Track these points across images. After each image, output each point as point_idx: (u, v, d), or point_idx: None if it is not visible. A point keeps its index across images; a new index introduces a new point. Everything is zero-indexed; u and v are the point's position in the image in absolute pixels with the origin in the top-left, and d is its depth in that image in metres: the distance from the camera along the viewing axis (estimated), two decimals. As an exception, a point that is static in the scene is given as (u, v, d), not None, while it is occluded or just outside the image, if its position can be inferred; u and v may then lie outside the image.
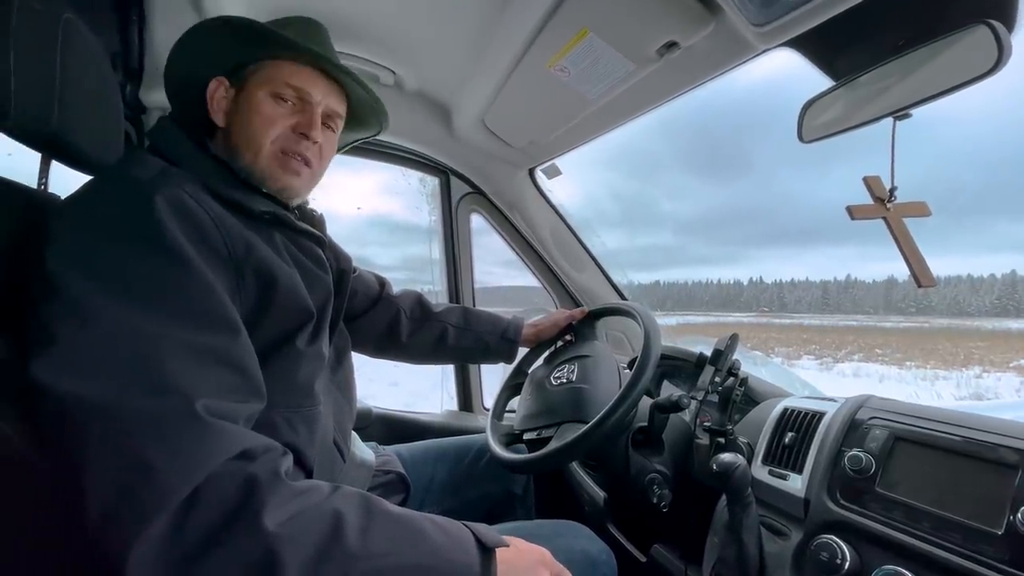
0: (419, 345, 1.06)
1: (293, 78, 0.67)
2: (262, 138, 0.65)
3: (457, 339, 1.08)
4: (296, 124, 0.67)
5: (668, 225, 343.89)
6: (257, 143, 0.65)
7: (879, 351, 30.26)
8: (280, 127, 0.66)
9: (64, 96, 0.54)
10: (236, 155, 0.66)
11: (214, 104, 0.67)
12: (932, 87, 0.63)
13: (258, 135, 0.65)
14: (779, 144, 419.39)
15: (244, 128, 0.66)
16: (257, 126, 0.65)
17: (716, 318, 65.51)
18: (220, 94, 0.67)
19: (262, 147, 0.66)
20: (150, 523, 0.36)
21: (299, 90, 0.67)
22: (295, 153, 0.67)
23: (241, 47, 0.66)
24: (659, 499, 0.81)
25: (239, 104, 0.67)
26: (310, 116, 0.68)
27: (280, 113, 0.66)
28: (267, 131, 0.66)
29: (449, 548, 0.50)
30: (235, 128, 0.66)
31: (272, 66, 0.67)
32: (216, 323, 0.48)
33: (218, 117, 0.67)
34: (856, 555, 0.58)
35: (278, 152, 0.67)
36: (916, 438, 0.61)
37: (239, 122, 0.66)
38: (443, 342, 1.07)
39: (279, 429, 0.58)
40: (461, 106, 1.20)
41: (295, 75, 0.67)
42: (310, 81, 0.68)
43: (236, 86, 0.68)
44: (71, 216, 0.49)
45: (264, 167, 0.66)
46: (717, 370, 0.91)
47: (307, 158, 0.68)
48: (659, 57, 0.82)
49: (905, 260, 0.67)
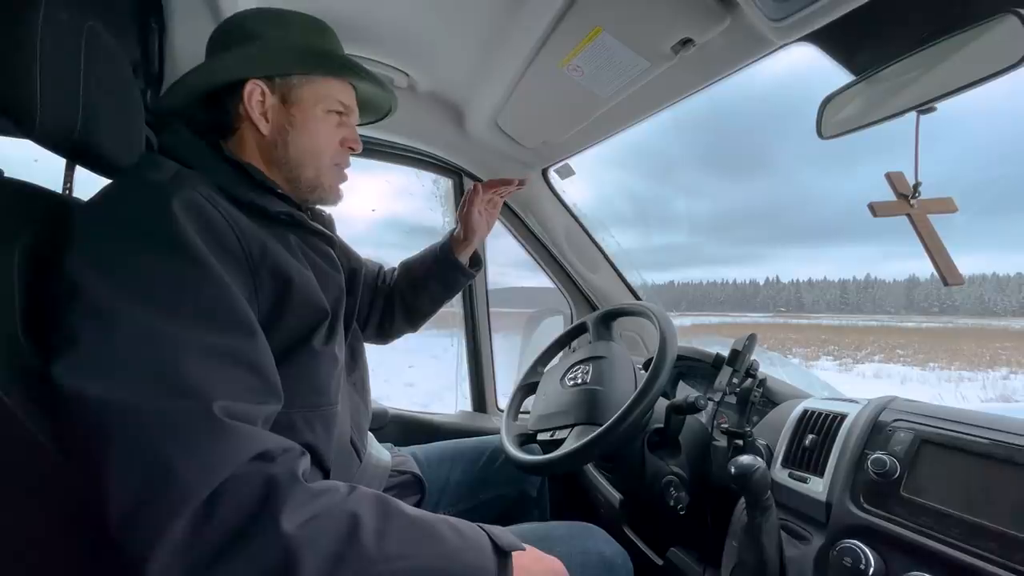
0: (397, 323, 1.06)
1: (343, 95, 0.71)
2: (324, 156, 0.70)
3: (413, 297, 1.03)
4: (343, 139, 0.72)
5: (683, 224, 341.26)
6: (320, 160, 0.70)
7: (900, 352, 29.55)
8: (336, 143, 0.72)
9: (88, 103, 0.55)
10: (288, 167, 0.68)
11: (252, 108, 0.65)
12: (957, 80, 0.62)
13: (322, 153, 0.70)
14: (797, 141, 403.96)
15: (305, 143, 0.68)
16: (320, 144, 0.70)
17: (732, 318, 64.68)
18: (257, 97, 0.66)
19: (324, 163, 0.71)
20: (170, 525, 0.37)
21: (347, 107, 0.72)
22: (345, 164, 0.75)
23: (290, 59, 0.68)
24: (676, 502, 0.80)
25: (293, 117, 0.67)
26: (354, 130, 0.74)
27: (333, 129, 0.71)
28: (329, 148, 0.71)
29: (465, 551, 0.50)
30: (290, 141, 0.68)
31: (324, 83, 0.69)
32: (233, 324, 0.49)
33: (263, 125, 0.67)
34: (881, 561, 0.56)
35: (332, 166, 0.72)
36: (943, 441, 0.59)
37: (295, 137, 0.68)
38: (406, 307, 1.04)
39: (297, 429, 0.58)
40: (474, 107, 1.20)
41: (344, 93, 0.72)
42: (350, 95, 0.73)
43: (279, 94, 0.67)
44: (88, 220, 0.50)
45: (325, 181, 0.72)
46: (735, 371, 0.89)
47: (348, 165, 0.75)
48: (674, 54, 0.81)
49: (931, 258, 0.65)
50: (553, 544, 0.71)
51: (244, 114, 0.66)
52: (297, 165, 0.69)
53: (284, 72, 0.67)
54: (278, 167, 0.69)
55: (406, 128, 1.31)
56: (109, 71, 0.60)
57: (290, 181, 0.70)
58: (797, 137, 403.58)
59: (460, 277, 1.04)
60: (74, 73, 0.54)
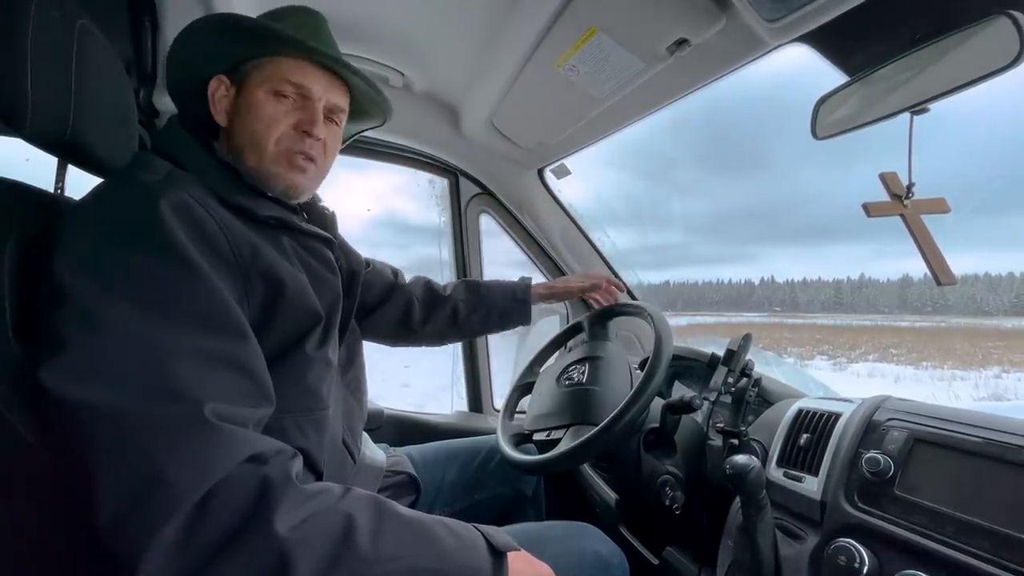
0: (434, 328, 1.06)
1: (292, 74, 0.65)
2: (265, 139, 0.64)
3: (469, 313, 1.06)
4: (298, 122, 0.65)
5: (678, 224, 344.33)
6: (261, 145, 0.64)
7: (894, 351, 29.77)
8: (283, 126, 0.65)
9: (80, 101, 0.54)
10: (240, 157, 0.65)
11: (216, 103, 0.66)
12: (950, 81, 0.62)
13: (261, 137, 0.64)
14: (791, 142, 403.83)
15: (246, 129, 0.64)
16: (259, 127, 0.64)
17: (727, 318, 64.88)
18: (221, 93, 0.66)
19: (266, 149, 0.64)
20: (161, 529, 0.37)
21: (299, 86, 0.65)
22: (299, 152, 0.66)
23: (238, 44, 0.65)
24: (671, 501, 0.80)
25: (240, 104, 0.65)
26: (312, 113, 0.66)
27: (281, 111, 0.65)
28: (270, 132, 0.64)
29: (460, 551, 0.50)
30: (237, 129, 0.65)
31: (271, 63, 0.65)
32: (223, 328, 0.48)
33: (220, 117, 0.66)
34: (875, 559, 0.56)
35: (283, 151, 0.65)
36: (936, 440, 0.60)
37: (240, 123, 0.65)
38: (455, 319, 1.06)
39: (289, 433, 0.58)
40: (470, 107, 1.20)
41: (294, 71, 0.65)
42: (310, 76, 0.66)
43: (236, 84, 0.66)
44: (78, 220, 0.49)
45: (269, 169, 0.65)
46: (730, 371, 0.89)
47: (311, 155, 0.67)
48: (669, 55, 0.81)
49: (924, 258, 0.66)
50: (549, 544, 0.71)
51: None
52: (243, 151, 0.64)
53: (235, 60, 0.65)
54: (237, 158, 0.65)
55: (401, 128, 1.30)
56: (101, 70, 0.59)
57: (247, 171, 0.65)
58: (792, 137, 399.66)
59: (519, 321, 1.11)
60: (66, 72, 0.53)
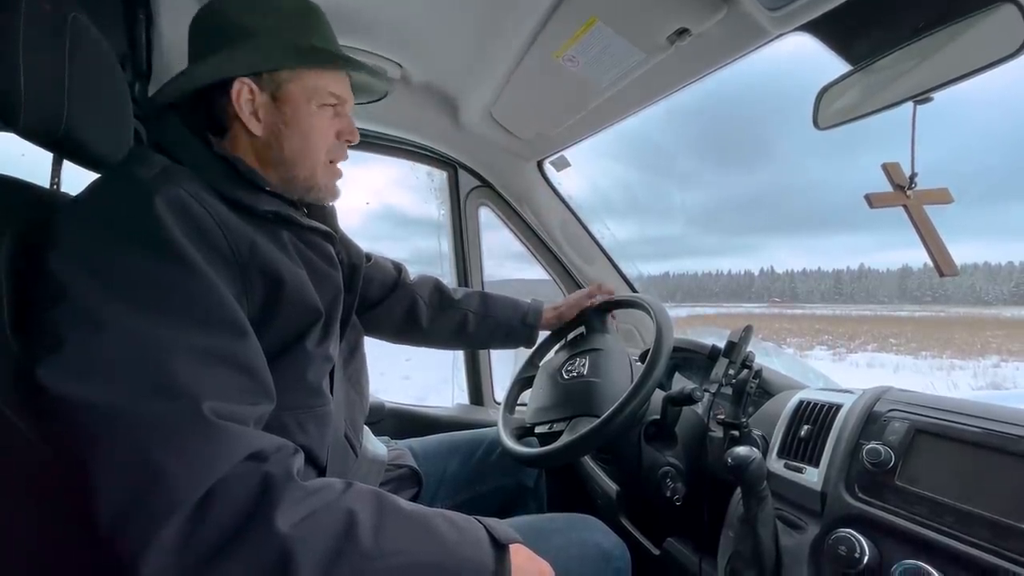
0: (438, 332, 1.06)
1: (335, 86, 0.67)
2: (319, 154, 0.66)
3: (477, 326, 1.08)
4: (339, 131, 0.69)
5: (678, 215, 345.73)
6: (314, 158, 0.66)
7: (893, 341, 29.84)
8: (331, 138, 0.68)
9: (73, 96, 0.54)
10: (283, 167, 0.65)
11: (242, 108, 0.63)
12: (954, 70, 0.61)
13: (316, 151, 0.66)
14: (792, 132, 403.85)
15: (299, 142, 0.65)
16: (316, 141, 0.66)
17: (727, 309, 64.96)
18: (245, 96, 0.62)
19: (319, 161, 0.67)
20: (161, 527, 0.37)
21: (339, 97, 0.67)
22: (340, 159, 0.70)
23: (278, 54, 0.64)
24: (672, 492, 0.80)
25: (284, 115, 0.64)
26: (349, 121, 0.69)
27: (327, 123, 0.67)
28: (322, 145, 0.67)
29: (462, 544, 0.50)
30: (283, 139, 0.64)
31: (314, 75, 0.65)
32: (221, 324, 0.48)
33: (252, 124, 0.63)
34: (875, 549, 0.57)
35: (327, 163, 0.68)
36: (937, 430, 0.60)
37: (289, 135, 0.64)
38: (463, 329, 1.07)
39: (289, 430, 0.57)
40: (468, 98, 1.19)
41: (336, 84, 0.67)
42: (346, 87, 0.69)
43: (269, 91, 0.64)
44: (73, 217, 0.48)
45: (321, 180, 0.68)
46: (731, 362, 0.90)
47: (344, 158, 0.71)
48: (670, 44, 0.80)
49: (926, 248, 0.66)
50: (550, 536, 0.71)
51: (234, 114, 0.63)
52: (292, 164, 0.65)
53: (272, 68, 0.63)
54: (273, 167, 0.65)
55: (400, 120, 1.30)
56: (95, 64, 0.59)
57: (285, 180, 0.66)
58: (792, 127, 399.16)
59: (523, 343, 1.12)
60: (58, 66, 0.53)
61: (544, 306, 1.11)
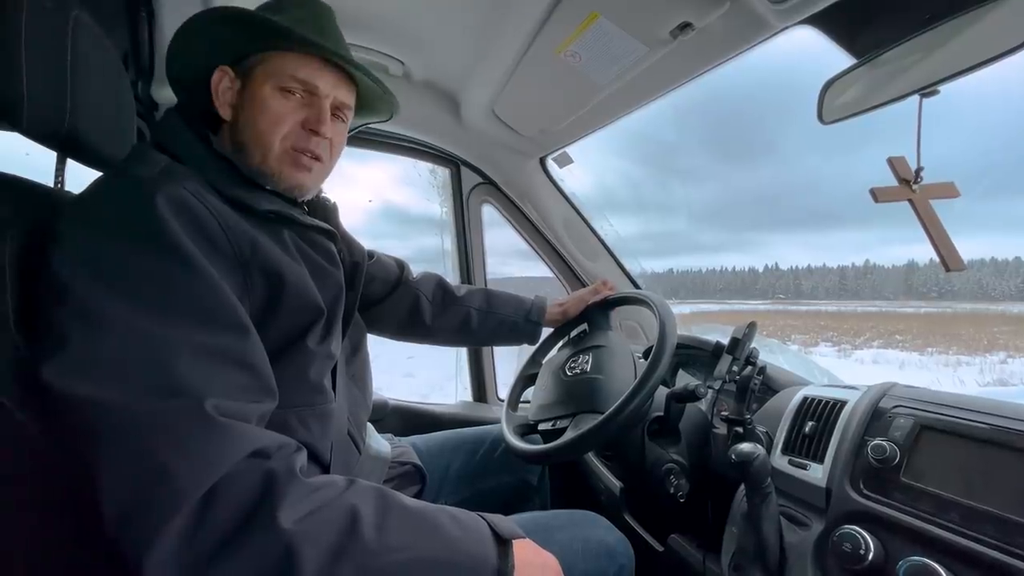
0: (442, 329, 1.06)
1: (300, 71, 0.63)
2: (271, 137, 0.62)
3: (481, 322, 1.07)
4: (305, 120, 0.64)
5: (682, 212, 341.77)
6: (266, 142, 0.62)
7: (899, 337, 29.67)
8: (289, 124, 0.63)
9: (76, 94, 0.54)
10: (244, 153, 0.63)
11: (219, 96, 0.64)
12: (962, 61, 0.60)
13: (267, 134, 0.62)
14: (796, 127, 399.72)
15: (251, 126, 0.62)
16: (265, 124, 0.62)
17: (731, 306, 64.75)
18: (224, 85, 0.64)
19: (272, 146, 0.63)
20: (166, 525, 0.37)
21: (306, 83, 0.63)
22: (305, 150, 0.65)
23: (243, 38, 0.63)
24: (676, 489, 0.80)
25: (245, 98, 0.63)
26: (319, 110, 0.64)
27: (288, 108, 0.63)
28: (276, 129, 0.62)
29: (465, 541, 0.50)
30: (241, 124, 0.63)
31: (278, 58, 0.63)
32: (223, 322, 0.48)
33: (224, 110, 0.64)
34: (880, 546, 0.56)
35: (288, 150, 0.64)
36: (943, 427, 0.59)
37: (246, 118, 0.63)
38: (467, 326, 1.07)
39: (292, 428, 0.58)
40: (470, 95, 1.18)
41: (301, 67, 0.63)
42: (317, 73, 0.64)
43: (241, 78, 0.64)
44: (75, 215, 0.49)
45: (274, 167, 0.64)
46: (734, 359, 0.89)
47: (317, 154, 0.66)
48: (672, 39, 0.80)
49: (932, 244, 0.65)
50: (554, 532, 0.71)
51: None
52: (249, 148, 0.63)
53: (242, 52, 0.63)
54: (243, 153, 0.63)
55: (401, 118, 1.29)
56: (97, 62, 0.59)
57: (251, 168, 0.63)
58: (797, 122, 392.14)
59: (526, 340, 1.11)
60: (61, 64, 0.53)
61: (548, 302, 1.11)
